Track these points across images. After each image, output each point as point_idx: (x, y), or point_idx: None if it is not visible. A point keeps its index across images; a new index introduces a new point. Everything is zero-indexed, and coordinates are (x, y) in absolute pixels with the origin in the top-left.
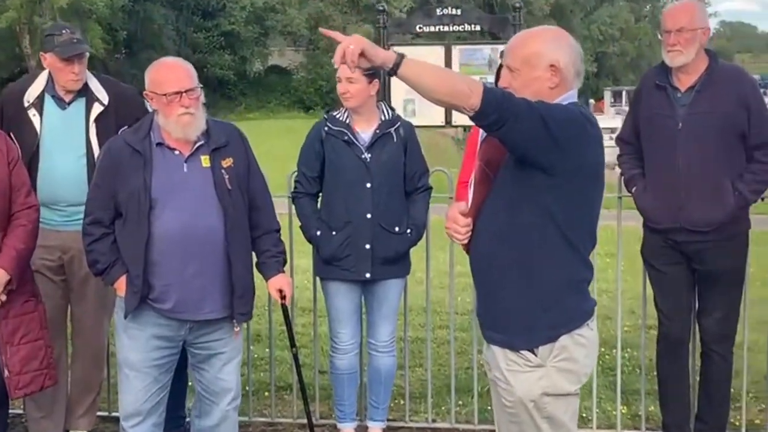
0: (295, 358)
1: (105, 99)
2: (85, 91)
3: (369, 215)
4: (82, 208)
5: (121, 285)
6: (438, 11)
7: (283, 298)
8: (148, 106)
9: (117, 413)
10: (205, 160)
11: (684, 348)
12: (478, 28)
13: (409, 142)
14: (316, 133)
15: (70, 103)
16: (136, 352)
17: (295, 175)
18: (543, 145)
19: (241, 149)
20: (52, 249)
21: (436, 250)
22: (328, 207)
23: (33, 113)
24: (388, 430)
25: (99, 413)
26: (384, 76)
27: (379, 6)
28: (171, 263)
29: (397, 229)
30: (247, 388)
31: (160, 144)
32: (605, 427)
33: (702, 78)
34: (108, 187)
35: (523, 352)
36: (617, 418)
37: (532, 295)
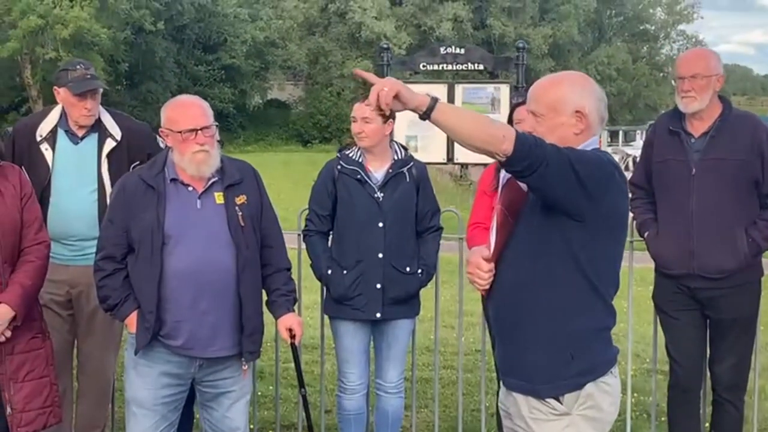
0: (303, 399)
1: (118, 135)
2: (98, 127)
3: (380, 255)
4: (92, 243)
5: (132, 321)
6: (441, 50)
7: (292, 337)
8: (160, 143)
9: None
10: (218, 197)
11: (695, 395)
12: (480, 67)
13: (422, 181)
14: (329, 171)
15: (82, 138)
16: (145, 389)
17: (305, 213)
18: (572, 192)
19: (254, 187)
20: (60, 284)
21: (442, 288)
22: (340, 246)
23: (45, 147)
24: None
25: None
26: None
27: (383, 44)
28: (183, 299)
29: (408, 269)
30: (252, 426)
31: (174, 180)
32: None
33: (716, 124)
34: (121, 223)
35: (548, 400)
36: None
37: (559, 343)
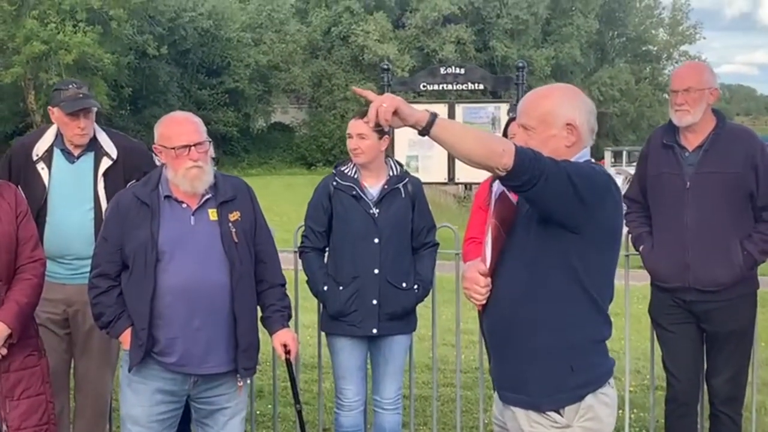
0: (299, 414)
1: (114, 153)
2: (94, 145)
3: (376, 270)
4: (88, 262)
5: (126, 338)
6: (442, 70)
7: (287, 353)
8: (156, 161)
9: None
10: (212, 214)
11: (692, 409)
12: (481, 86)
13: (417, 197)
14: (324, 187)
15: (78, 157)
16: (139, 406)
17: (302, 229)
18: (570, 205)
19: (248, 203)
20: (56, 302)
21: (440, 306)
22: (336, 262)
23: (42, 167)
24: None
25: None
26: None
27: (384, 65)
28: (177, 316)
29: (404, 284)
30: None
31: (168, 197)
32: None
33: (710, 137)
34: (115, 240)
35: (549, 413)
36: None
37: (558, 356)
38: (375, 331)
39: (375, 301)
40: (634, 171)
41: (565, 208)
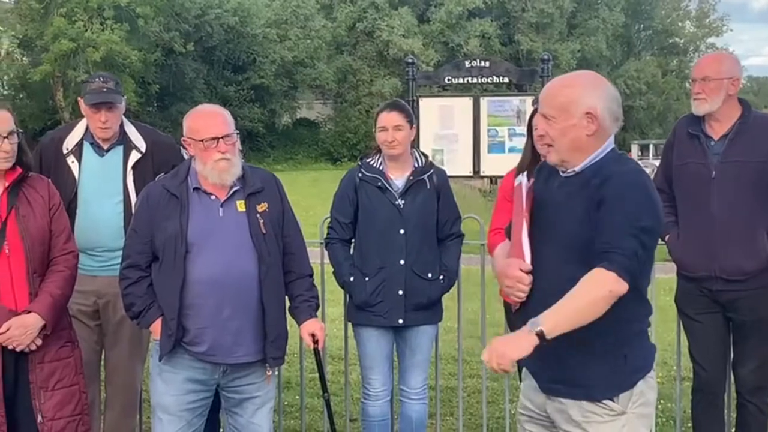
0: (326, 403)
1: (143, 146)
2: (123, 139)
3: (402, 261)
4: (118, 254)
5: (156, 328)
6: (467, 63)
7: (315, 342)
8: (184, 154)
9: None
10: (240, 205)
11: (719, 398)
12: (506, 80)
13: (442, 189)
14: (350, 179)
15: (108, 150)
16: (170, 395)
17: (327, 221)
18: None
19: (276, 195)
20: (87, 294)
21: (464, 299)
22: (361, 253)
23: (72, 160)
24: None
25: None
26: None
27: (408, 59)
28: (206, 307)
29: (429, 275)
30: None
31: (196, 189)
32: None
33: (735, 127)
34: (145, 232)
35: (604, 402)
36: None
37: (612, 346)
38: (401, 321)
39: (401, 292)
40: None
41: None
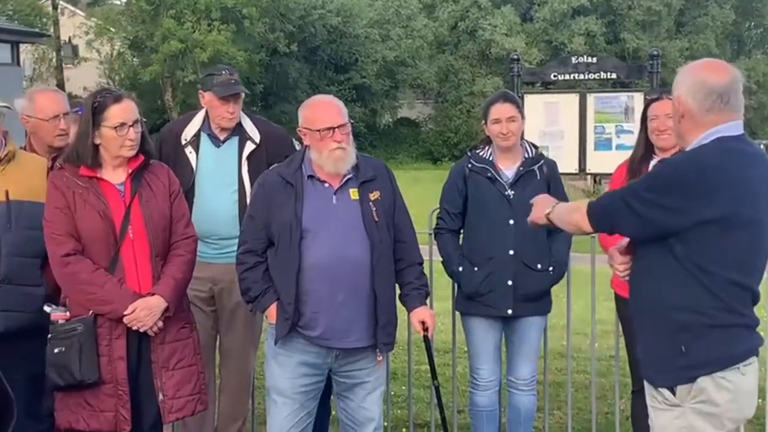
0: (436, 390)
1: (257, 137)
2: (238, 130)
3: (511, 252)
4: (233, 242)
5: (272, 312)
6: (573, 59)
7: (425, 330)
8: (296, 145)
9: None
10: (353, 193)
11: None
12: (613, 76)
13: (552, 179)
14: (459, 170)
15: (224, 141)
16: (284, 378)
17: (435, 212)
18: (659, 225)
19: (388, 184)
20: (203, 281)
21: (575, 301)
22: (471, 243)
23: (189, 150)
24: None
25: None
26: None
27: (513, 55)
28: (320, 292)
29: (539, 266)
30: (385, 423)
31: (311, 177)
32: None
33: None
34: (261, 218)
35: (661, 389)
36: None
37: (669, 335)
38: (510, 311)
39: (510, 282)
40: None
41: (655, 230)
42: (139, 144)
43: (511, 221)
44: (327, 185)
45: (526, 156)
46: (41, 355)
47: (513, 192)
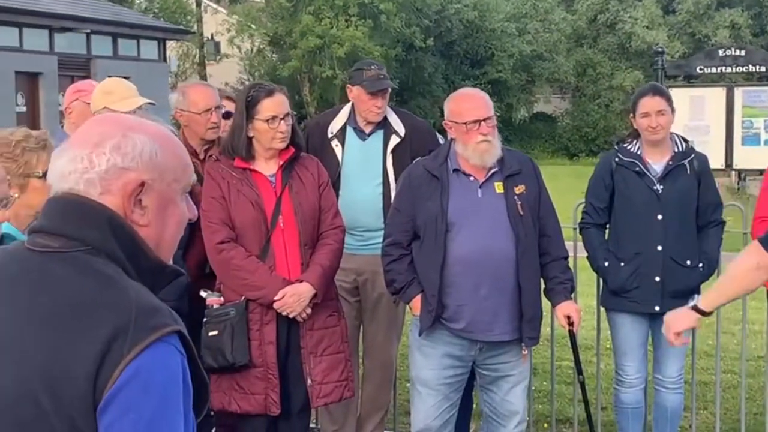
0: (582, 385)
1: (402, 131)
2: (383, 124)
3: (659, 247)
4: (377, 234)
5: (416, 304)
6: (720, 52)
7: (570, 324)
8: (440, 139)
9: None
10: (498, 186)
11: None
12: (762, 69)
13: (703, 174)
14: (606, 164)
15: (369, 135)
16: (428, 369)
17: (582, 206)
18: None
19: (533, 177)
20: (348, 271)
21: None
22: (617, 238)
23: (336, 144)
24: None
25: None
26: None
27: (657, 48)
28: (465, 284)
29: (688, 262)
30: (527, 417)
31: (456, 170)
32: None
33: None
34: (407, 211)
35: None
36: None
37: None
38: (657, 308)
39: (658, 278)
40: None
41: None
42: (289, 136)
43: (659, 216)
44: (472, 179)
45: (676, 150)
46: None
47: (662, 186)
